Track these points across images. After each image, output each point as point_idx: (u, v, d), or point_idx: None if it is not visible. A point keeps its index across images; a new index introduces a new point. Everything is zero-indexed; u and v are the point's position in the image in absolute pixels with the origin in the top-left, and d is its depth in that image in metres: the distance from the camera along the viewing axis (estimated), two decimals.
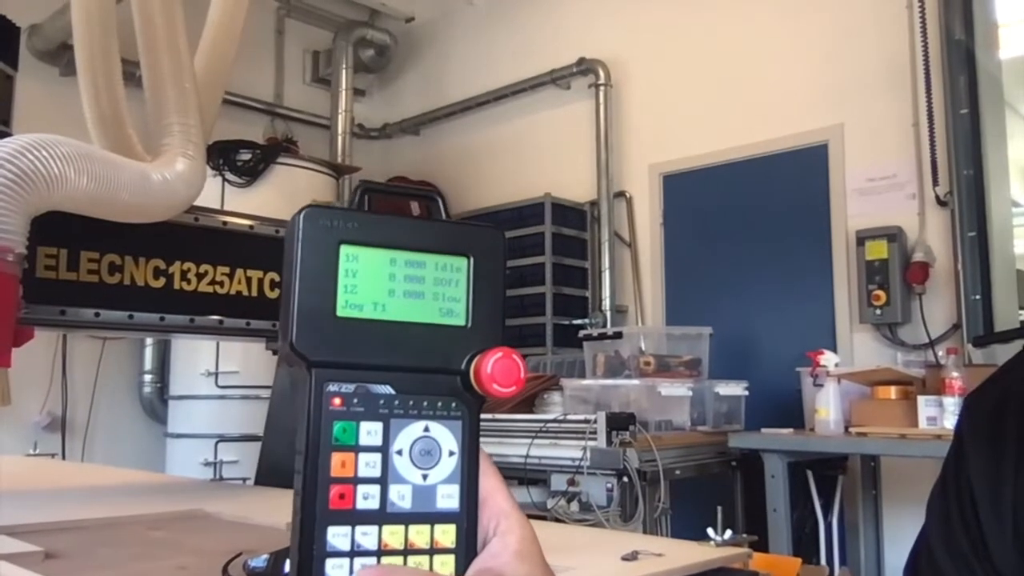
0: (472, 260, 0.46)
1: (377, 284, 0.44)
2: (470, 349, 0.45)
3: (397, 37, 6.76)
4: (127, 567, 1.18)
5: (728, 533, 1.30)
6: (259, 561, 1.03)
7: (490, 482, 0.46)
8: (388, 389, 0.44)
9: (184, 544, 1.34)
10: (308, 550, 0.42)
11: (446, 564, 0.44)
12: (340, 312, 0.43)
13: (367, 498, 0.43)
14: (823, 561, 3.86)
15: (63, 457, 5.04)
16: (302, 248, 0.42)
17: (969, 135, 4.09)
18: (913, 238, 4.25)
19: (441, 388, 0.45)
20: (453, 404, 0.45)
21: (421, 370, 0.45)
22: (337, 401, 0.43)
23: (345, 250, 0.43)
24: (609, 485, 3.27)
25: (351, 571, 0.42)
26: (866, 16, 4.50)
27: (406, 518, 0.43)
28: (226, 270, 1.81)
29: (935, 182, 4.18)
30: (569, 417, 3.54)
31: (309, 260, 0.43)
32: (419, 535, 0.44)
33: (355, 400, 0.43)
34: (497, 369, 0.44)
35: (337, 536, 0.42)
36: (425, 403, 0.44)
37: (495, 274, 0.47)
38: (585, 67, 5.65)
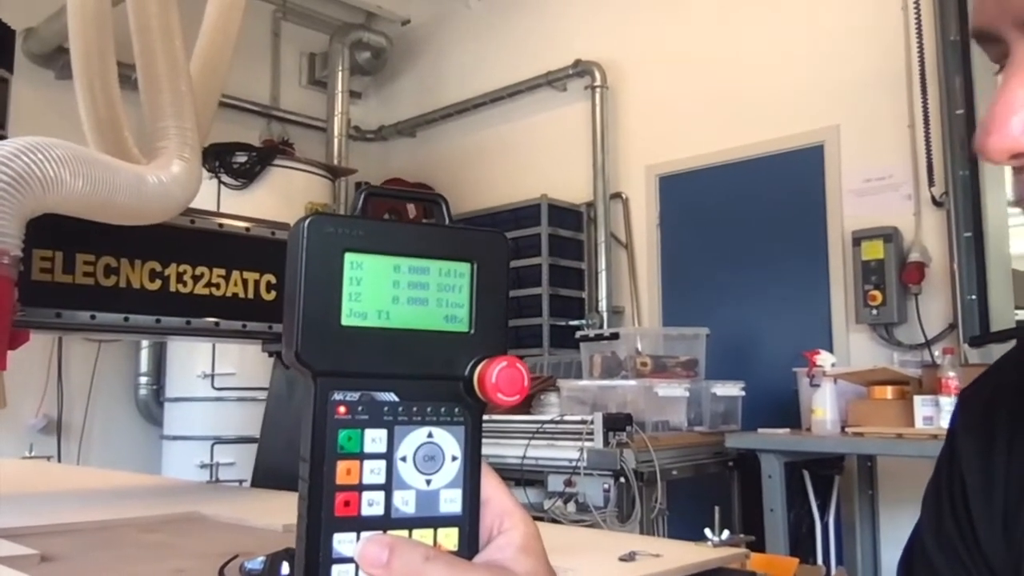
0: (475, 265, 0.46)
1: (381, 292, 0.44)
2: (473, 355, 0.45)
3: (393, 40, 6.75)
4: (123, 570, 1.18)
5: (725, 533, 1.30)
6: (255, 563, 1.03)
7: (491, 482, 0.47)
8: (392, 396, 0.44)
9: (180, 547, 1.34)
10: (314, 556, 0.42)
11: None
12: (345, 321, 0.43)
13: (372, 504, 0.43)
14: (820, 561, 3.87)
15: (59, 460, 5.03)
16: (307, 257, 0.42)
17: (965, 135, 4.09)
18: (909, 238, 4.26)
19: (444, 394, 0.45)
20: (456, 409, 0.45)
21: (425, 377, 0.45)
22: (342, 409, 0.43)
23: (349, 258, 0.43)
24: (606, 486, 3.27)
25: None
26: (862, 17, 4.51)
27: (410, 523, 0.44)
28: (222, 272, 1.81)
29: (931, 183, 4.18)
30: (566, 418, 3.54)
31: (314, 269, 0.42)
32: (422, 539, 0.44)
33: (360, 408, 0.43)
34: (502, 378, 0.44)
35: (343, 543, 0.42)
36: (429, 409, 0.45)
37: (498, 279, 0.47)
38: (581, 69, 5.65)
